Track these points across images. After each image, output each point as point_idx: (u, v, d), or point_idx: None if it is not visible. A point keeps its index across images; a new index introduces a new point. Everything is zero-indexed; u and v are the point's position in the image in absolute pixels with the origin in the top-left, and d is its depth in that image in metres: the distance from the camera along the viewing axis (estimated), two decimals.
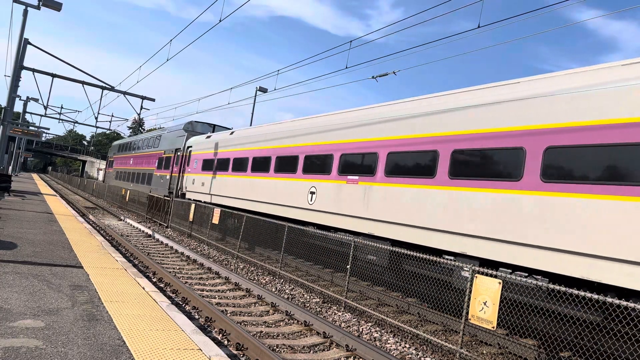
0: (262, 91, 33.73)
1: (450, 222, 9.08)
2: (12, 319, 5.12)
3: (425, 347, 8.04)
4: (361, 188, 11.65)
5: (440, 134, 9.75)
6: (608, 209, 6.71)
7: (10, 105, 23.35)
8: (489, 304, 6.85)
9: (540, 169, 7.70)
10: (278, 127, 16.69)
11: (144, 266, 12.47)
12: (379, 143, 11.40)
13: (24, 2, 21.75)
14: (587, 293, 5.98)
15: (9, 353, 4.19)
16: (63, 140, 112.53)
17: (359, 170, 11.93)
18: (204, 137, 23.63)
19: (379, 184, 11.12)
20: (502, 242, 8.10)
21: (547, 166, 7.63)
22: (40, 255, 8.83)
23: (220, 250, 16.95)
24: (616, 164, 6.79)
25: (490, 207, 8.36)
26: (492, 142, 8.60)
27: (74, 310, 5.76)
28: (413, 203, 10.02)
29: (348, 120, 12.83)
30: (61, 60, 24.70)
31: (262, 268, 13.96)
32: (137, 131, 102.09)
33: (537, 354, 7.75)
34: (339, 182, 12.51)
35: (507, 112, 8.48)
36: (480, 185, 8.64)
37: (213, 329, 7.65)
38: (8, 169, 39.77)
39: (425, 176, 9.85)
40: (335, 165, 12.83)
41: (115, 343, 4.84)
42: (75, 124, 49.15)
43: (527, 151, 7.97)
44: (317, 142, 13.72)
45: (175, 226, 22.05)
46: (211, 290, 10.55)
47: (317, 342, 7.58)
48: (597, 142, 7.03)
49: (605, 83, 7.18)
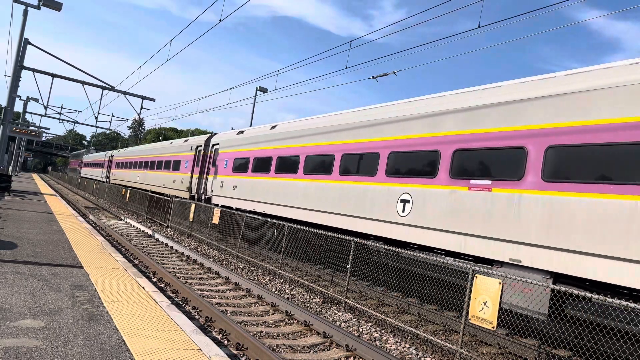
0: (262, 91, 33.76)
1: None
2: (12, 318, 5.12)
3: (425, 347, 8.05)
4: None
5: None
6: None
7: (10, 105, 23.36)
8: (489, 304, 6.85)
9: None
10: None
11: (144, 266, 12.47)
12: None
13: (24, 2, 21.77)
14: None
15: (9, 353, 4.20)
16: (63, 140, 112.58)
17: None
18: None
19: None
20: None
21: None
22: (41, 255, 8.83)
23: (220, 250, 16.95)
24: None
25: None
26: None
27: (74, 310, 5.76)
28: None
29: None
30: (61, 60, 24.73)
31: (262, 268, 13.96)
32: (137, 131, 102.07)
33: (537, 354, 7.75)
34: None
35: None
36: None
37: (213, 329, 7.65)
38: (8, 169, 39.77)
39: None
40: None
41: (115, 343, 4.84)
42: (76, 124, 49.14)
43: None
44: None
45: (175, 226, 22.05)
46: (211, 290, 10.55)
47: (317, 342, 7.58)
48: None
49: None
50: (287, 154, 15.15)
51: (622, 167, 6.76)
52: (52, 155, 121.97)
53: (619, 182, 6.78)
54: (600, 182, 6.99)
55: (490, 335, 8.46)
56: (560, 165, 7.56)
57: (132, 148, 42.35)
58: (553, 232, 7.37)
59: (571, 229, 7.15)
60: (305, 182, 13.81)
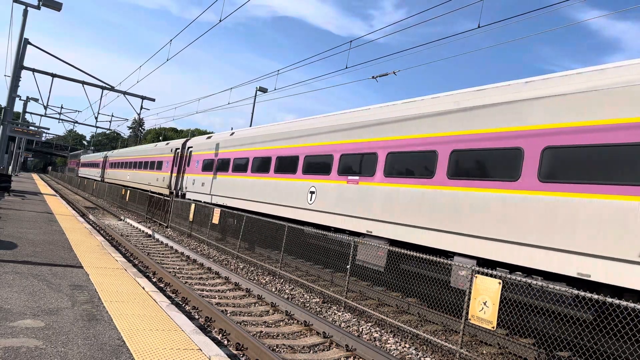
0: (262, 91, 33.75)
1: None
2: (12, 318, 5.12)
3: (425, 347, 8.04)
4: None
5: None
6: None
7: (10, 105, 23.36)
8: (489, 304, 6.85)
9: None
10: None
11: (144, 266, 12.47)
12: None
13: (24, 2, 21.77)
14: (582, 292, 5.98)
15: (9, 353, 4.19)
16: (63, 140, 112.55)
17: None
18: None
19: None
20: None
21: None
22: (40, 255, 8.82)
23: (220, 250, 16.95)
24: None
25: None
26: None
27: (74, 310, 5.76)
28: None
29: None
30: (61, 60, 24.72)
31: (262, 268, 13.96)
32: (137, 131, 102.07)
33: (537, 354, 7.75)
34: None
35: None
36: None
37: (213, 329, 7.65)
38: (8, 169, 39.76)
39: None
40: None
41: (115, 343, 4.84)
42: (75, 124, 49.15)
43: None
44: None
45: (175, 226, 22.05)
46: (211, 290, 10.55)
47: (317, 342, 7.58)
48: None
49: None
50: (240, 156, 18.91)
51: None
52: (52, 155, 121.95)
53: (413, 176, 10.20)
54: (402, 176, 10.55)
55: (490, 335, 8.47)
56: (392, 165, 10.92)
57: (125, 149, 45.29)
58: (388, 212, 10.67)
59: (399, 209, 10.40)
60: (253, 180, 17.30)
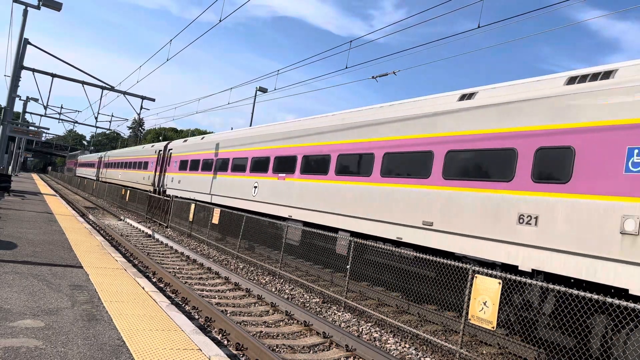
0: (262, 91, 33.76)
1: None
2: (12, 318, 5.12)
3: (425, 347, 8.04)
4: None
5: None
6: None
7: (10, 105, 23.35)
8: (488, 304, 6.85)
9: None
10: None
11: (143, 266, 12.46)
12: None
13: (24, 2, 21.76)
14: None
15: (9, 353, 4.19)
16: (63, 140, 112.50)
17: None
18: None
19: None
20: None
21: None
22: (40, 255, 8.82)
23: (220, 250, 16.95)
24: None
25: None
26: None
27: (74, 310, 5.76)
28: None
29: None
30: (61, 60, 24.72)
31: (262, 268, 13.96)
32: (137, 131, 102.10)
33: (537, 354, 7.74)
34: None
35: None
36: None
37: (213, 329, 7.64)
38: (8, 169, 39.76)
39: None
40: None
41: (115, 343, 4.84)
42: (75, 124, 49.18)
43: None
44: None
45: (175, 226, 22.05)
46: (211, 290, 10.55)
47: (317, 342, 7.58)
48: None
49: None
50: (207, 157, 22.24)
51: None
52: (52, 156, 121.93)
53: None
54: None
55: (490, 335, 8.46)
56: (307, 164, 14.24)
57: (118, 150, 48.64)
58: (303, 201, 14.02)
59: (310, 197, 13.68)
60: (218, 177, 20.67)
